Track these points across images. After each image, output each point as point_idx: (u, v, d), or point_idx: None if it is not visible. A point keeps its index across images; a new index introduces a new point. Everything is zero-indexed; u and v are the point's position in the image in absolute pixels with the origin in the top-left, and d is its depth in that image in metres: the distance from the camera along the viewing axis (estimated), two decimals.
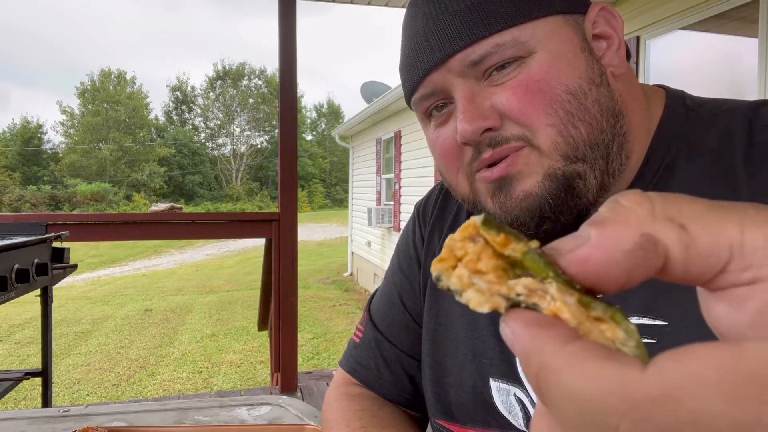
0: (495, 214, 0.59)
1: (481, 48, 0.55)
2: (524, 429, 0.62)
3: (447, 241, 0.21)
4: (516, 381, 0.63)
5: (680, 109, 0.61)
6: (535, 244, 0.21)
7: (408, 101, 0.65)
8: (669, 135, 0.60)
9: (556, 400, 0.17)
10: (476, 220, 0.21)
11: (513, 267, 0.20)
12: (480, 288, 0.20)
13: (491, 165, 0.58)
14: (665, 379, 0.15)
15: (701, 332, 0.51)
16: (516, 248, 0.20)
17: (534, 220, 0.56)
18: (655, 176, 0.58)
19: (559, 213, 0.56)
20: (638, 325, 0.54)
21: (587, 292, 0.19)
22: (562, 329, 0.18)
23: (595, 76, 0.56)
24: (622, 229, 0.19)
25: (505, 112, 0.55)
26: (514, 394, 0.63)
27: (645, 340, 0.53)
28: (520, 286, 0.19)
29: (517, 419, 0.63)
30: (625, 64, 0.59)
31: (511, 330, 0.19)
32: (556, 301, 0.19)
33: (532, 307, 0.19)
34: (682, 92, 0.64)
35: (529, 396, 0.61)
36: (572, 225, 0.58)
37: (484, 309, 0.20)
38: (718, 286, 0.19)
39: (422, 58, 0.58)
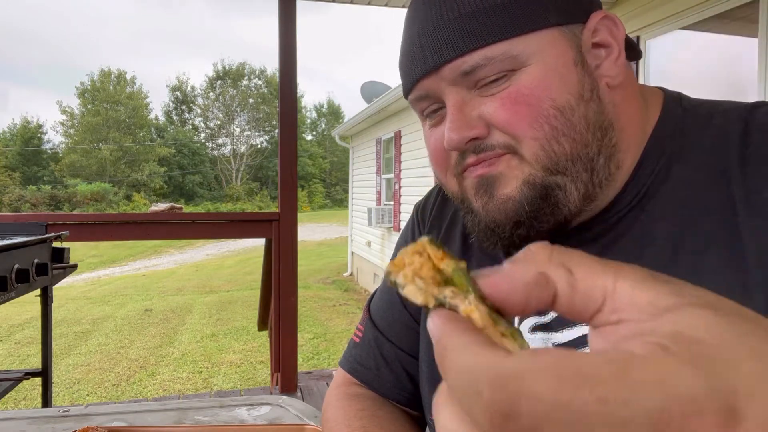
0: (478, 213, 0.61)
1: (472, 59, 0.55)
2: None
3: (400, 251, 0.27)
4: None
5: (677, 110, 0.62)
6: (463, 264, 0.26)
7: (405, 97, 0.67)
8: (665, 136, 0.60)
9: (449, 374, 0.22)
10: (425, 238, 0.27)
11: (445, 279, 0.26)
12: (418, 286, 0.25)
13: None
14: (519, 363, 0.20)
15: None
16: (449, 264, 0.26)
17: (509, 224, 0.58)
18: (648, 179, 0.59)
19: (534, 219, 0.57)
20: None
21: (497, 311, 0.24)
22: (468, 324, 0.23)
23: (585, 91, 0.57)
24: (526, 267, 0.24)
25: (492, 122, 0.56)
26: None
27: None
28: (448, 290, 0.25)
29: None
30: (623, 73, 0.59)
31: (432, 321, 0.24)
32: (471, 305, 0.24)
33: (453, 308, 0.24)
34: (680, 94, 0.64)
35: None
36: (551, 233, 0.59)
37: (418, 301, 0.26)
38: (596, 324, 0.23)
39: (416, 63, 0.59)
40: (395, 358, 0.78)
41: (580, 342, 0.58)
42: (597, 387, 0.18)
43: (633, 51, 0.69)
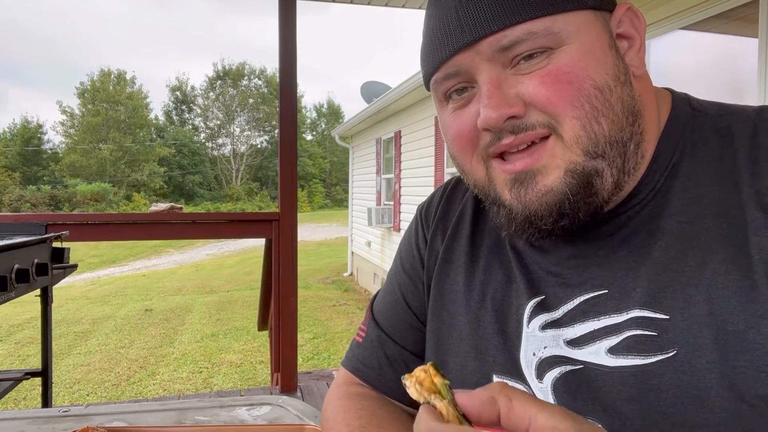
0: (511, 206, 0.59)
1: (513, 33, 0.54)
2: None
3: (416, 369, 0.44)
4: (519, 377, 0.63)
5: (686, 109, 0.62)
6: (448, 381, 0.43)
7: (428, 80, 0.64)
8: (676, 135, 0.61)
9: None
10: (431, 364, 0.44)
11: (436, 389, 0.42)
12: (417, 390, 0.43)
13: (509, 153, 0.58)
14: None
15: (699, 327, 0.52)
16: (440, 380, 0.42)
17: (552, 215, 0.57)
18: (662, 175, 0.59)
19: (578, 209, 0.56)
20: (640, 318, 0.55)
21: (463, 414, 0.41)
22: (438, 415, 0.41)
23: (620, 74, 0.57)
24: (484, 392, 0.41)
25: (532, 100, 0.55)
26: None
27: (645, 333, 0.54)
28: (433, 395, 0.42)
29: None
30: (644, 66, 0.60)
31: (421, 409, 0.40)
32: (444, 407, 0.41)
33: (433, 405, 0.41)
34: (687, 94, 0.65)
35: (531, 391, 0.62)
36: (581, 225, 0.58)
37: (414, 398, 0.43)
38: None
39: (451, 37, 0.57)
40: (399, 357, 0.78)
41: (590, 337, 0.58)
42: None
43: None
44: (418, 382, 0.43)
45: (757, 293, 0.50)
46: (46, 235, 2.51)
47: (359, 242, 11.86)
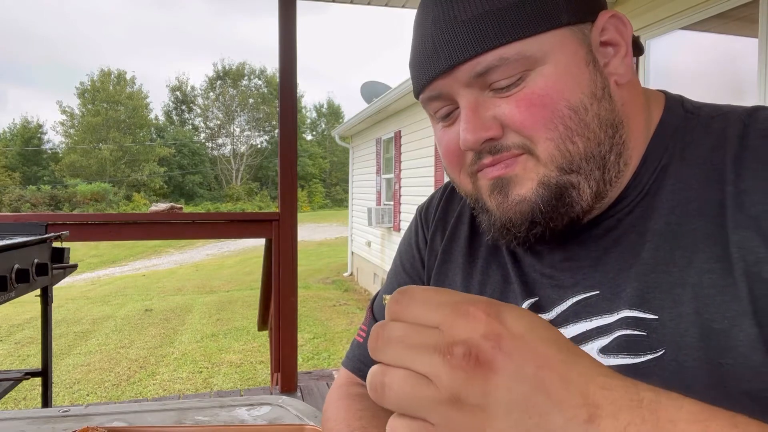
0: (493, 212, 0.62)
1: (486, 60, 0.56)
2: None
3: None
4: None
5: (679, 111, 0.63)
6: None
7: (416, 96, 0.66)
8: (667, 136, 0.61)
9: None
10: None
11: None
12: None
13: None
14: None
15: (686, 326, 0.53)
16: None
17: (525, 224, 0.59)
18: (650, 177, 0.60)
19: (549, 219, 0.58)
20: (630, 318, 0.56)
21: None
22: None
23: (597, 89, 0.58)
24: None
25: (508, 123, 0.57)
26: None
27: (635, 333, 0.55)
28: None
29: None
30: (630, 72, 0.61)
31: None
32: None
33: None
34: (681, 96, 0.65)
35: None
36: (563, 230, 0.60)
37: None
38: None
39: (430, 63, 0.59)
40: None
41: (582, 337, 0.59)
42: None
43: (636, 47, 0.70)
44: None
45: (738, 291, 0.51)
46: (46, 235, 2.51)
47: (359, 242, 11.86)
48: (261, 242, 3.91)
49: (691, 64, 4.14)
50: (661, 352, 0.53)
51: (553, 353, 0.34)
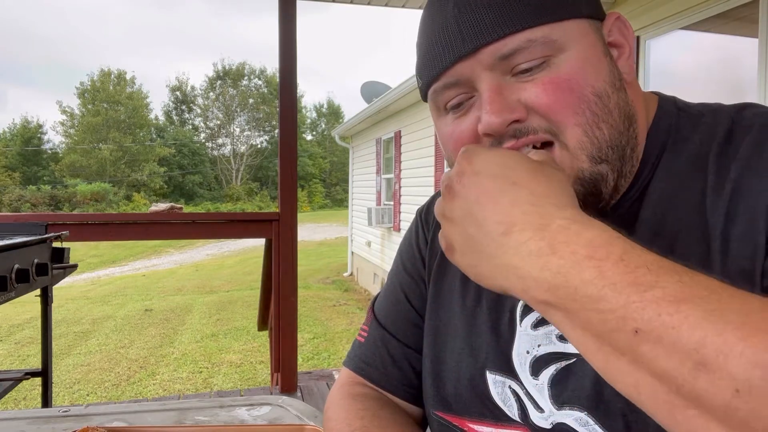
0: None
1: (513, 42, 0.56)
2: (518, 420, 0.64)
3: None
4: (511, 373, 0.65)
5: (672, 110, 0.64)
6: None
7: (426, 89, 0.64)
8: (662, 135, 0.63)
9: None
10: None
11: None
12: None
13: None
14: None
15: None
16: None
17: None
18: (647, 176, 0.61)
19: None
20: None
21: None
22: None
23: (615, 80, 0.59)
24: None
25: (534, 107, 0.56)
26: (510, 386, 0.65)
27: None
28: None
29: (512, 410, 0.64)
30: (633, 73, 0.62)
31: None
32: None
33: None
34: (674, 97, 0.67)
35: (524, 388, 0.63)
36: None
37: None
38: None
39: (452, 46, 0.58)
40: (402, 355, 0.79)
41: None
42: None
43: None
44: None
45: (714, 274, 0.51)
46: (46, 235, 2.51)
47: (359, 242, 11.86)
48: (261, 242, 3.91)
49: (691, 64, 4.14)
50: None
51: (493, 185, 0.48)
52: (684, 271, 0.39)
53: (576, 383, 0.59)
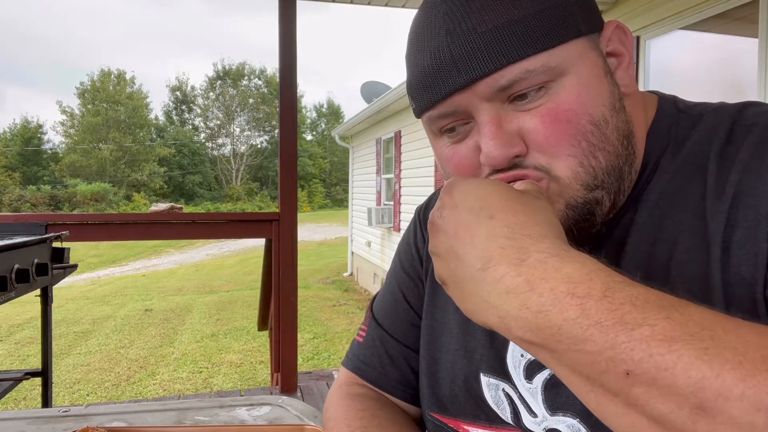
0: None
1: (511, 73, 0.53)
2: (511, 422, 0.64)
3: None
4: (505, 376, 0.64)
5: (671, 111, 0.63)
6: None
7: (419, 114, 0.62)
8: (661, 137, 0.62)
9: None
10: None
11: None
12: None
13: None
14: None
15: None
16: None
17: None
18: (647, 179, 0.61)
19: (580, 240, 0.57)
20: None
21: None
22: None
23: (615, 101, 0.57)
24: None
25: (531, 139, 0.55)
26: (503, 389, 0.65)
27: None
28: None
29: (504, 413, 0.64)
30: (633, 82, 0.61)
31: None
32: None
33: None
34: (674, 96, 0.66)
35: (517, 391, 0.63)
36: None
37: None
38: None
39: (446, 77, 0.56)
40: (401, 355, 0.79)
41: None
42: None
43: None
44: None
45: (713, 280, 0.51)
46: (46, 235, 2.51)
47: (359, 242, 11.86)
48: (261, 242, 3.91)
49: (691, 64, 4.14)
50: None
51: (469, 218, 0.47)
52: (672, 304, 0.37)
53: (570, 390, 0.58)
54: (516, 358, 0.63)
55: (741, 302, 0.49)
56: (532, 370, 0.62)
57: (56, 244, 2.58)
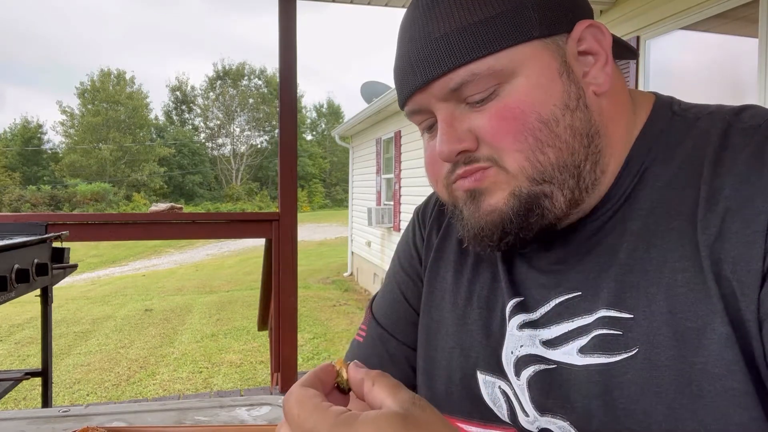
0: (467, 221, 0.63)
1: (458, 76, 0.57)
2: (507, 420, 0.64)
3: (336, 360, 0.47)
4: (501, 374, 0.65)
5: (666, 114, 0.63)
6: (348, 363, 0.48)
7: (401, 109, 0.68)
8: (651, 139, 0.62)
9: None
10: (342, 358, 0.50)
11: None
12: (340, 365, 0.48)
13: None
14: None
15: (659, 325, 0.55)
16: (343, 371, 0.47)
17: (497, 233, 0.60)
18: (632, 180, 0.61)
19: (520, 229, 0.60)
20: (606, 318, 0.57)
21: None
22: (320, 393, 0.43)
23: (570, 100, 0.58)
24: (363, 374, 0.46)
25: (481, 135, 0.59)
26: (499, 387, 0.65)
27: (611, 332, 0.56)
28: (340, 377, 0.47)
29: (501, 411, 0.65)
30: (610, 80, 0.61)
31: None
32: (341, 375, 0.47)
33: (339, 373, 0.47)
34: (671, 98, 0.65)
35: (513, 389, 0.64)
36: (535, 238, 0.61)
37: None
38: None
39: (408, 79, 0.61)
40: (401, 354, 0.79)
41: (564, 338, 0.60)
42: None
43: (628, 51, 0.70)
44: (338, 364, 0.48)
45: (708, 290, 0.51)
46: (46, 235, 2.51)
47: (359, 242, 11.86)
48: (261, 242, 3.91)
49: (691, 64, 4.14)
50: (635, 351, 0.54)
51: None
52: None
53: (559, 392, 0.59)
54: (508, 355, 0.64)
55: (736, 311, 0.50)
56: (519, 366, 0.63)
57: (56, 244, 2.58)
